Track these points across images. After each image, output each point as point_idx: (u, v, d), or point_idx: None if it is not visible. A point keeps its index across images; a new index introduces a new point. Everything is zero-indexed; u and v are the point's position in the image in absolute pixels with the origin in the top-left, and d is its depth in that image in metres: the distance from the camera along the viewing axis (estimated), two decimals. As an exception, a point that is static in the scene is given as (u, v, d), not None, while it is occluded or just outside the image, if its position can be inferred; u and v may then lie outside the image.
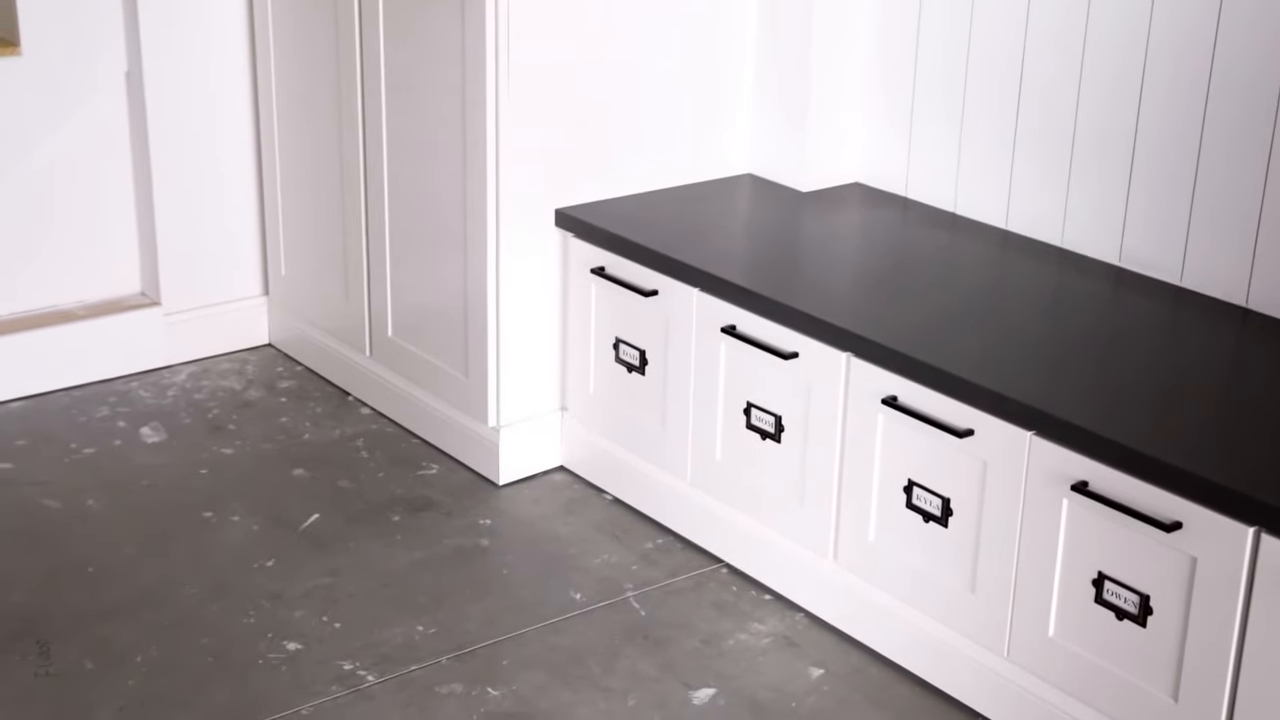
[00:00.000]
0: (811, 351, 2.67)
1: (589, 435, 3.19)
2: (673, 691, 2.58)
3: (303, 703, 2.52)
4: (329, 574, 2.88)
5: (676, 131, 3.27)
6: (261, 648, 2.66)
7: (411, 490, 3.19)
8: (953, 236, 3.07)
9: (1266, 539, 2.08)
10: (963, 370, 2.45)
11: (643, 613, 2.79)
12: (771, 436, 2.78)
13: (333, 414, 3.50)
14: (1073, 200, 2.94)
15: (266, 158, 3.69)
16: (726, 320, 2.81)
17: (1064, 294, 2.84)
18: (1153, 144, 2.79)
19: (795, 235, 3.13)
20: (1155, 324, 2.72)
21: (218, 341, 3.78)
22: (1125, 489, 2.23)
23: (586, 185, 3.17)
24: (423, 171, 3.21)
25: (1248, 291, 2.70)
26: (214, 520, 3.05)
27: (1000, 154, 3.04)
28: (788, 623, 2.77)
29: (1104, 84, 2.85)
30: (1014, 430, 2.37)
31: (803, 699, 2.57)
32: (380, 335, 3.44)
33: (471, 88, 3.00)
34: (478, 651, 2.67)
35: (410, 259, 3.31)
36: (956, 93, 3.10)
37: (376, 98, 3.28)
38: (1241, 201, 2.68)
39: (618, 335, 3.06)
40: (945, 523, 2.51)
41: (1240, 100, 2.65)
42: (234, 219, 3.75)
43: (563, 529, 3.06)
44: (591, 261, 3.08)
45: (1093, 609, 2.32)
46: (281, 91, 3.60)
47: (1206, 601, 2.16)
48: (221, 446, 3.34)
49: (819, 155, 3.28)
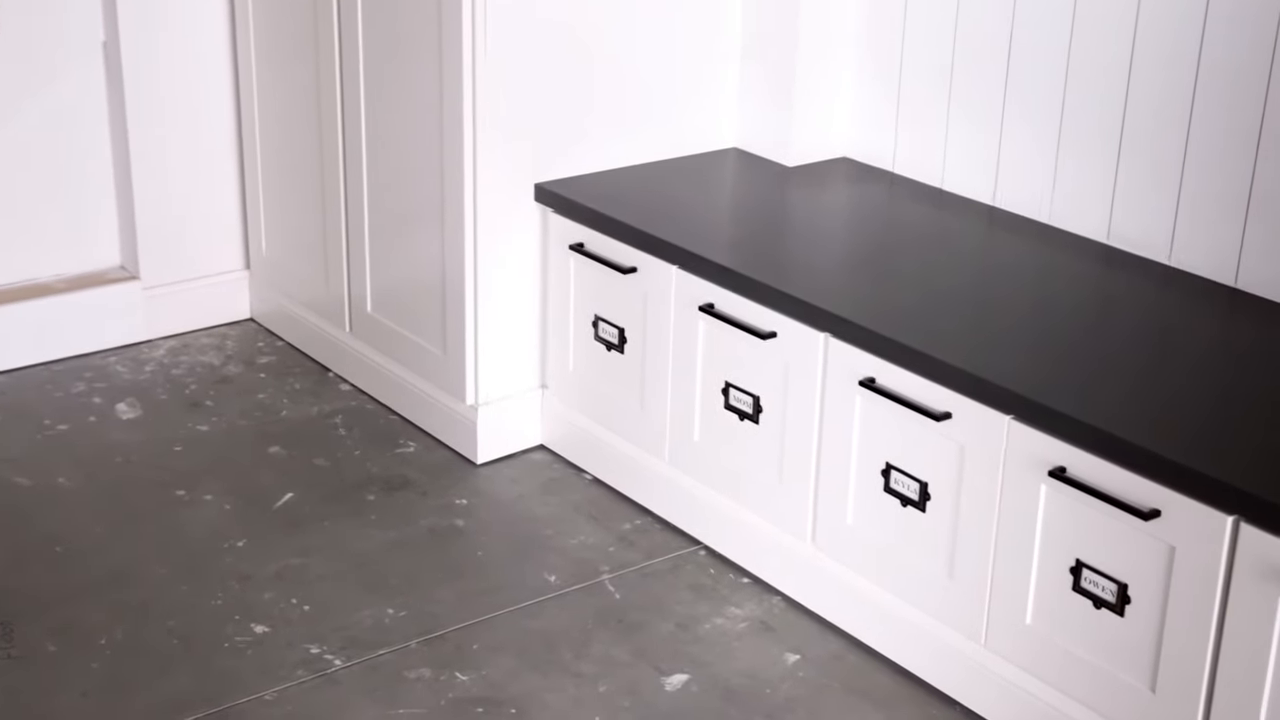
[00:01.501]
0: (790, 331, 2.61)
1: (569, 414, 3.14)
2: (645, 677, 2.53)
3: (267, 687, 2.48)
4: (300, 555, 2.84)
5: (661, 104, 3.20)
6: (228, 630, 2.61)
7: (388, 469, 3.14)
8: (939, 213, 3.01)
9: (1246, 528, 2.02)
10: (941, 352, 2.39)
11: (618, 596, 2.75)
12: (750, 417, 2.73)
13: (312, 390, 3.45)
14: (1061, 177, 2.88)
15: (247, 131, 3.64)
16: (705, 299, 2.76)
17: (1050, 273, 2.78)
18: (1141, 121, 2.73)
19: (778, 211, 3.06)
20: (1142, 305, 2.66)
21: (198, 316, 3.73)
22: (1104, 475, 2.18)
23: (568, 159, 3.11)
24: (401, 145, 3.15)
25: (1236, 271, 2.64)
26: (186, 499, 3.01)
27: (988, 130, 2.98)
28: (765, 607, 2.73)
29: (1092, 60, 2.78)
30: (992, 414, 2.31)
31: (777, 685, 2.52)
32: (360, 311, 3.39)
33: (449, 61, 2.94)
34: (448, 635, 2.62)
35: (389, 234, 3.26)
36: (944, 67, 3.03)
37: (354, 71, 3.22)
38: (1231, 180, 2.61)
39: (597, 313, 3.01)
40: (923, 507, 2.45)
41: (1230, 78, 2.59)
42: (214, 193, 3.70)
43: (540, 509, 3.01)
44: (571, 237, 3.02)
45: (1070, 597, 2.27)
46: (261, 64, 3.54)
47: (1185, 591, 2.11)
48: (197, 423, 3.29)
49: (805, 130, 3.22)
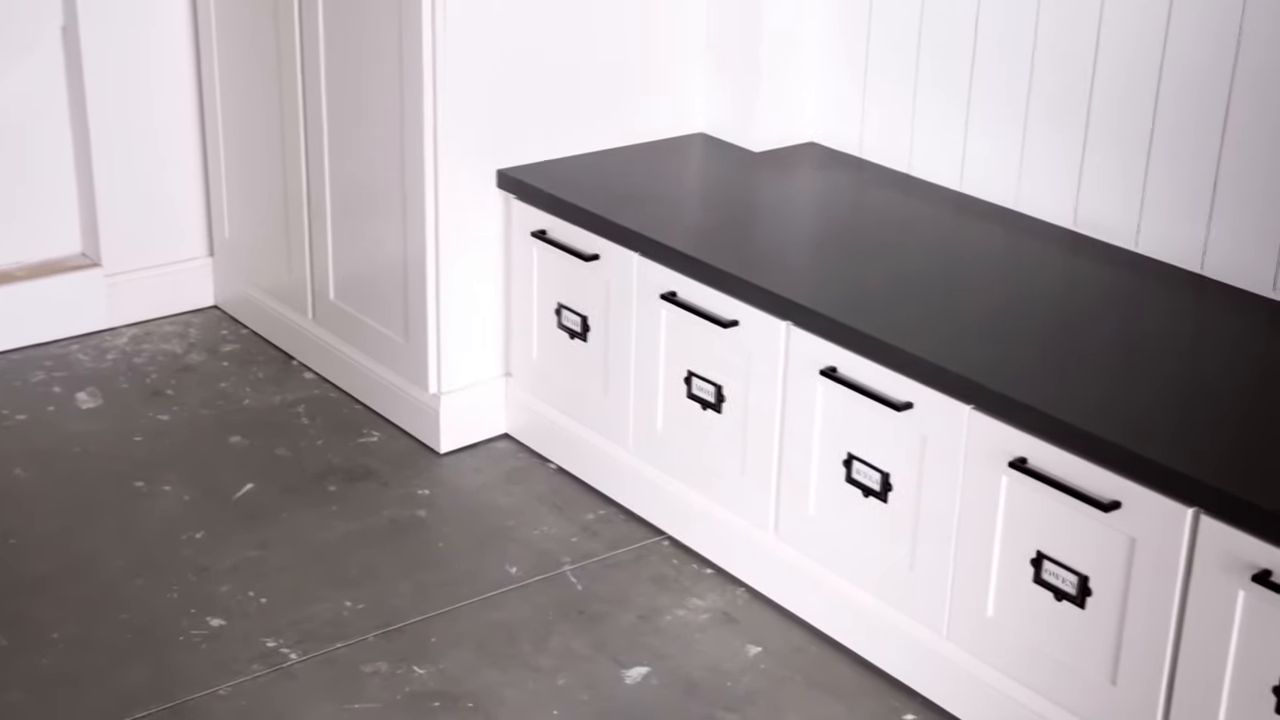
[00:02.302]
0: (751, 320, 2.58)
1: (533, 402, 3.11)
2: (605, 670, 2.50)
3: (221, 682, 2.44)
4: (259, 547, 2.80)
5: (626, 89, 3.16)
6: (183, 624, 2.58)
7: (350, 459, 3.10)
8: (905, 199, 2.97)
9: (1206, 520, 2.00)
10: (902, 341, 2.36)
11: (579, 587, 2.72)
12: (712, 406, 2.70)
13: (275, 379, 3.41)
14: (1027, 162, 2.84)
15: (209, 116, 3.59)
16: (667, 286, 2.72)
17: (1015, 260, 2.75)
18: (1108, 106, 2.69)
19: (743, 197, 3.03)
20: (1108, 292, 2.63)
21: (161, 304, 3.68)
22: (1065, 466, 2.15)
23: (532, 145, 3.07)
24: (362, 130, 3.11)
25: (1203, 257, 2.61)
26: (145, 490, 2.97)
27: (954, 115, 2.95)
28: (728, 598, 2.70)
29: (1058, 46, 2.75)
30: (952, 403, 2.28)
31: (738, 678, 2.50)
32: (322, 298, 3.35)
33: (409, 44, 2.90)
34: (406, 628, 2.59)
35: (351, 221, 3.22)
36: (911, 52, 3.00)
37: (315, 56, 3.17)
38: (1197, 165, 2.58)
39: (560, 300, 2.97)
40: (884, 498, 2.42)
41: (1195, 62, 2.55)
42: (177, 179, 3.65)
43: (503, 499, 2.98)
44: (533, 224, 2.98)
45: (1031, 589, 2.24)
46: (222, 49, 3.49)
47: (1145, 583, 2.08)
48: (158, 413, 3.25)
49: (772, 115, 3.18)
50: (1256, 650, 1.97)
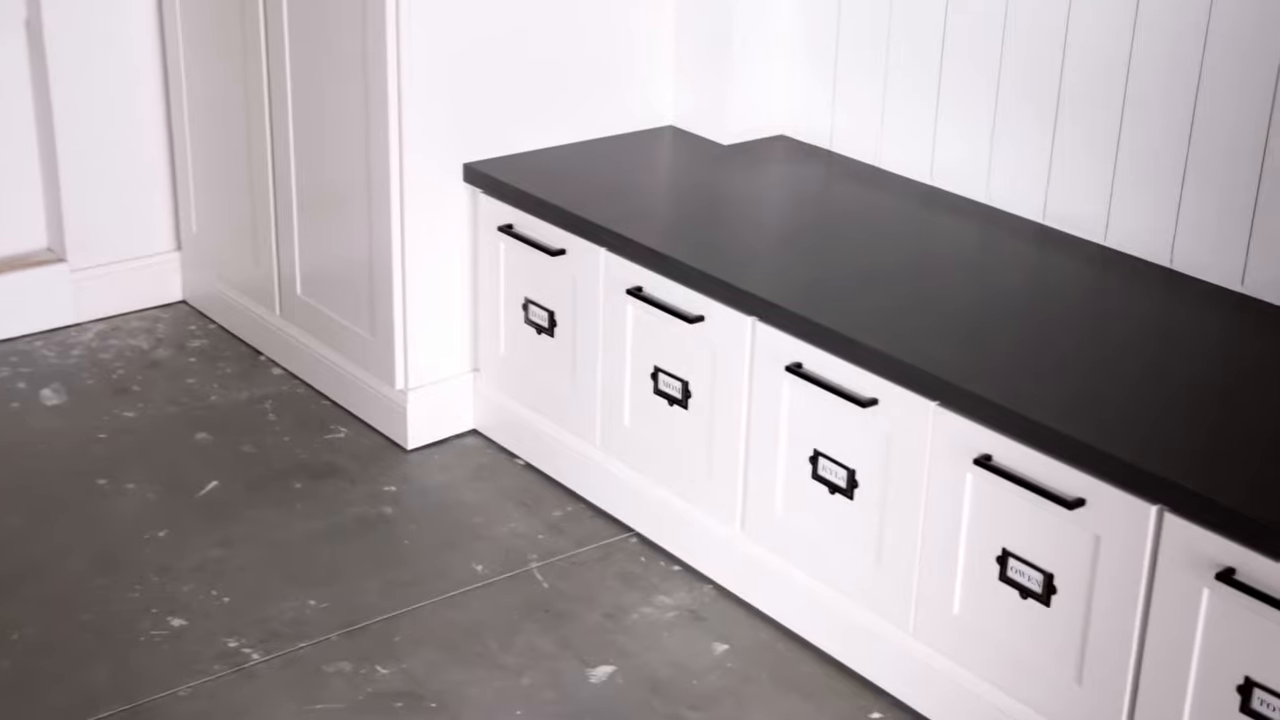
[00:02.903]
0: (717, 315, 2.56)
1: (501, 398, 3.08)
2: (570, 669, 2.48)
3: (182, 683, 2.42)
4: (222, 545, 2.77)
5: (595, 81, 3.14)
6: (145, 624, 2.55)
7: (317, 455, 3.07)
8: (875, 193, 2.95)
9: (1170, 518, 1.98)
10: (868, 336, 2.34)
11: (546, 585, 2.70)
12: (679, 402, 2.68)
13: (243, 375, 3.38)
14: (997, 156, 2.82)
15: (175, 109, 3.56)
16: (633, 282, 2.70)
17: (984, 254, 2.73)
18: (1077, 99, 2.68)
19: (712, 191, 3.00)
20: (1076, 287, 2.61)
21: (129, 299, 3.65)
22: (1029, 464, 2.13)
23: (499, 138, 3.04)
24: (328, 123, 3.08)
25: (1171, 252, 2.59)
26: (108, 488, 2.94)
27: (924, 107, 2.93)
28: (695, 595, 2.68)
29: (1027, 37, 2.73)
30: (918, 400, 2.26)
31: (704, 676, 2.48)
32: (289, 293, 3.32)
33: (372, 36, 2.87)
34: (370, 627, 2.57)
35: (318, 215, 3.19)
36: (880, 43, 2.97)
37: (280, 47, 3.14)
38: (1166, 159, 2.56)
39: (527, 296, 2.95)
40: (850, 495, 2.41)
41: (1165, 56, 2.54)
42: (144, 173, 3.62)
43: (470, 496, 2.96)
44: (500, 219, 2.96)
45: (997, 587, 2.22)
46: (188, 41, 3.45)
47: (1110, 581, 2.07)
48: (123, 409, 3.22)
49: (741, 107, 3.16)
50: (1221, 648, 1.96)
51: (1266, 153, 2.44)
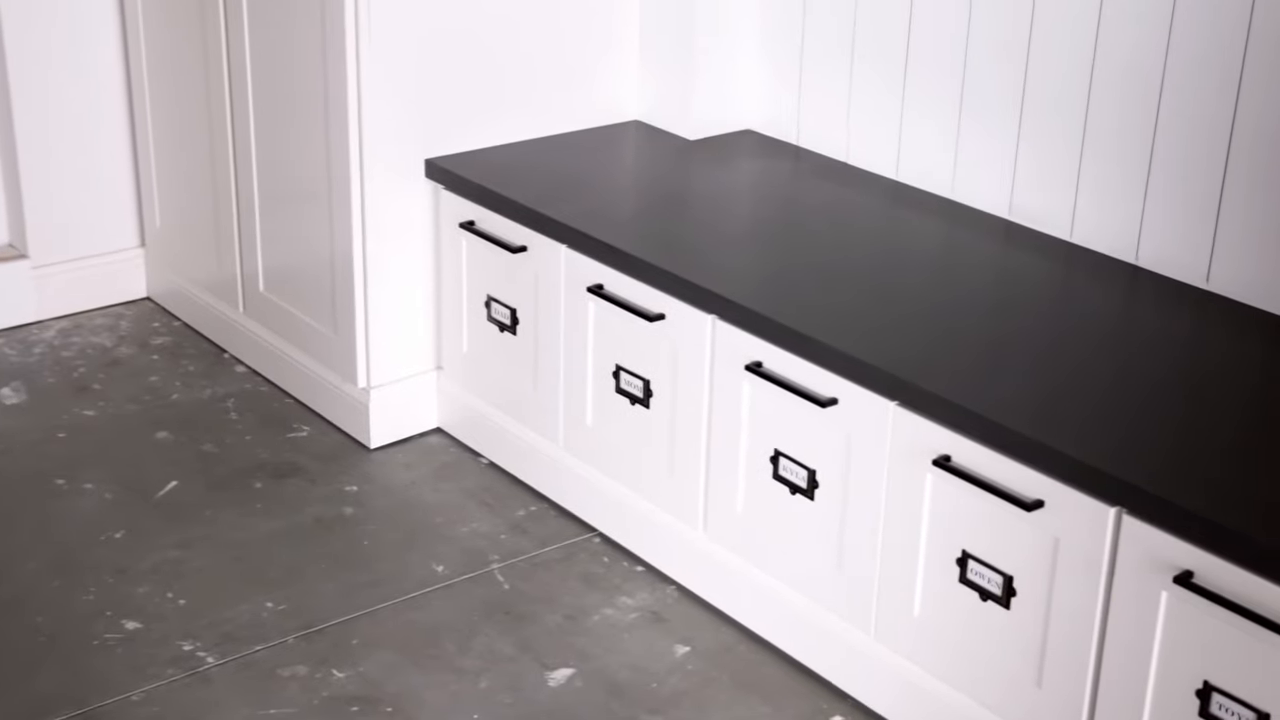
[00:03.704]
0: (677, 313, 2.53)
1: (464, 396, 3.05)
2: (528, 672, 2.45)
3: (135, 687, 2.39)
4: (180, 546, 2.74)
5: (560, 75, 3.10)
6: (98, 627, 2.52)
7: (278, 454, 3.04)
8: (841, 189, 2.92)
9: (1128, 520, 1.95)
10: (827, 335, 2.31)
11: (506, 586, 2.66)
12: (640, 401, 2.65)
13: (205, 372, 3.35)
14: (962, 151, 2.80)
15: (137, 104, 3.52)
16: (594, 279, 2.67)
17: (949, 251, 2.71)
18: (1043, 95, 2.65)
19: (676, 187, 2.97)
20: (1041, 284, 2.59)
21: (92, 295, 3.61)
22: (989, 465, 2.10)
23: (461, 133, 3.01)
24: (289, 118, 3.04)
25: (1137, 248, 2.57)
26: (65, 488, 2.90)
27: (890, 103, 2.90)
28: (658, 596, 2.65)
29: (994, 33, 2.70)
30: (877, 400, 2.23)
31: (664, 679, 2.45)
32: (252, 290, 3.29)
33: (332, 28, 2.83)
34: (327, 630, 2.53)
35: (280, 211, 3.15)
36: (846, 36, 2.94)
37: (240, 42, 3.10)
38: (1130, 155, 2.54)
39: (489, 293, 2.92)
40: (811, 495, 2.38)
41: (1128, 52, 2.51)
42: (107, 168, 3.57)
43: (432, 496, 2.92)
44: (462, 215, 2.92)
45: (957, 589, 2.20)
46: (149, 35, 3.41)
47: (1069, 584, 2.04)
48: (83, 408, 3.18)
49: (707, 102, 3.13)
50: (1180, 652, 1.93)
51: (1231, 148, 2.41)
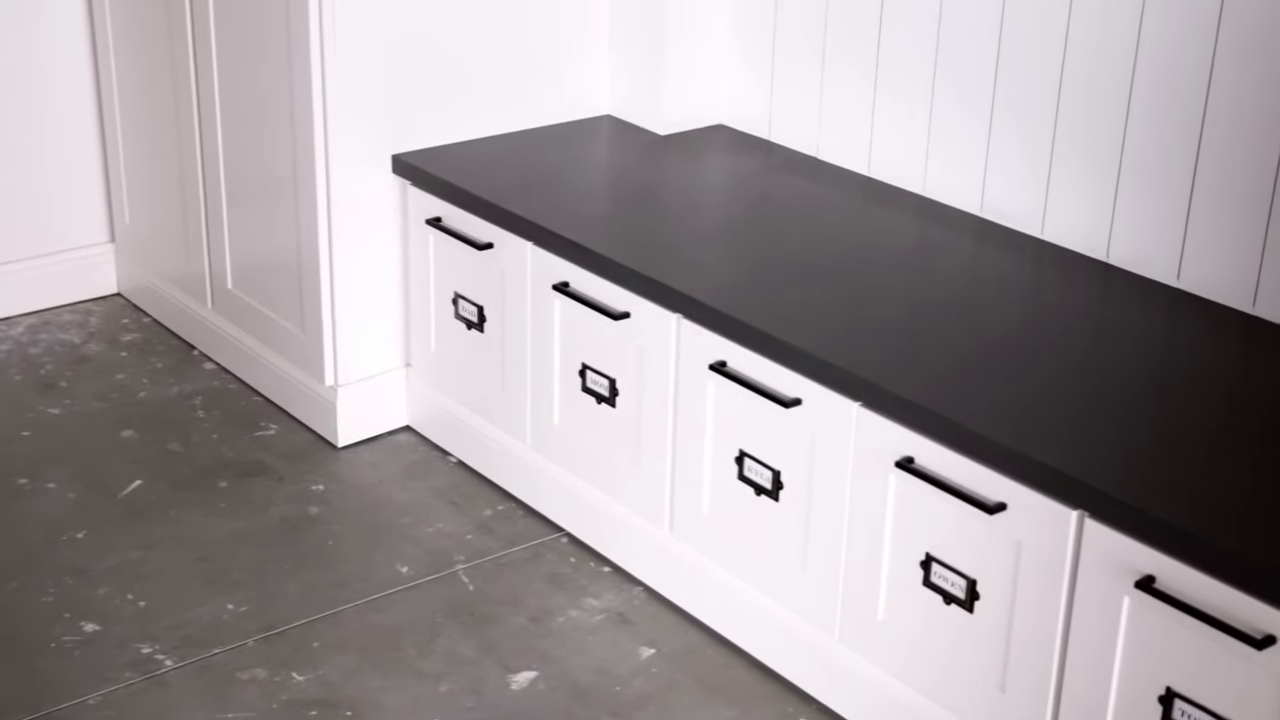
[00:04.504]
0: (643, 311, 2.49)
1: (433, 394, 3.02)
2: (491, 675, 2.42)
3: (91, 691, 2.35)
4: (142, 547, 2.71)
5: (530, 69, 3.07)
6: (56, 630, 2.49)
7: (244, 453, 3.01)
8: (812, 185, 2.89)
9: (1090, 523, 1.92)
10: (791, 334, 2.28)
11: (471, 588, 2.63)
12: (607, 400, 2.61)
13: (174, 369, 3.31)
14: (934, 147, 2.76)
15: (105, 98, 3.48)
16: (560, 277, 2.64)
17: (919, 249, 2.67)
18: (1013, 91, 2.61)
19: (645, 183, 2.94)
20: (1011, 282, 2.55)
21: (61, 291, 3.58)
22: (952, 467, 2.07)
23: (430, 128, 2.97)
24: (255, 112, 3.01)
25: (1108, 246, 2.54)
26: (28, 488, 2.87)
27: (862, 98, 2.86)
28: (624, 598, 2.62)
29: (964, 26, 2.66)
30: (841, 400, 2.20)
31: (628, 682, 2.42)
32: (220, 287, 3.25)
33: (296, 22, 2.80)
34: (288, 632, 2.50)
35: (247, 206, 3.11)
36: (818, 31, 2.91)
37: (206, 36, 3.06)
38: (1101, 152, 2.50)
39: (457, 290, 2.88)
40: (776, 496, 2.35)
41: (1099, 47, 2.47)
42: (76, 163, 3.54)
43: (399, 495, 2.89)
44: (429, 211, 2.89)
45: (921, 592, 2.17)
46: (117, 31, 3.38)
47: (1032, 587, 2.01)
48: (49, 406, 3.15)
49: (678, 96, 3.09)
50: (1143, 657, 1.90)
51: (1201, 146, 2.38)
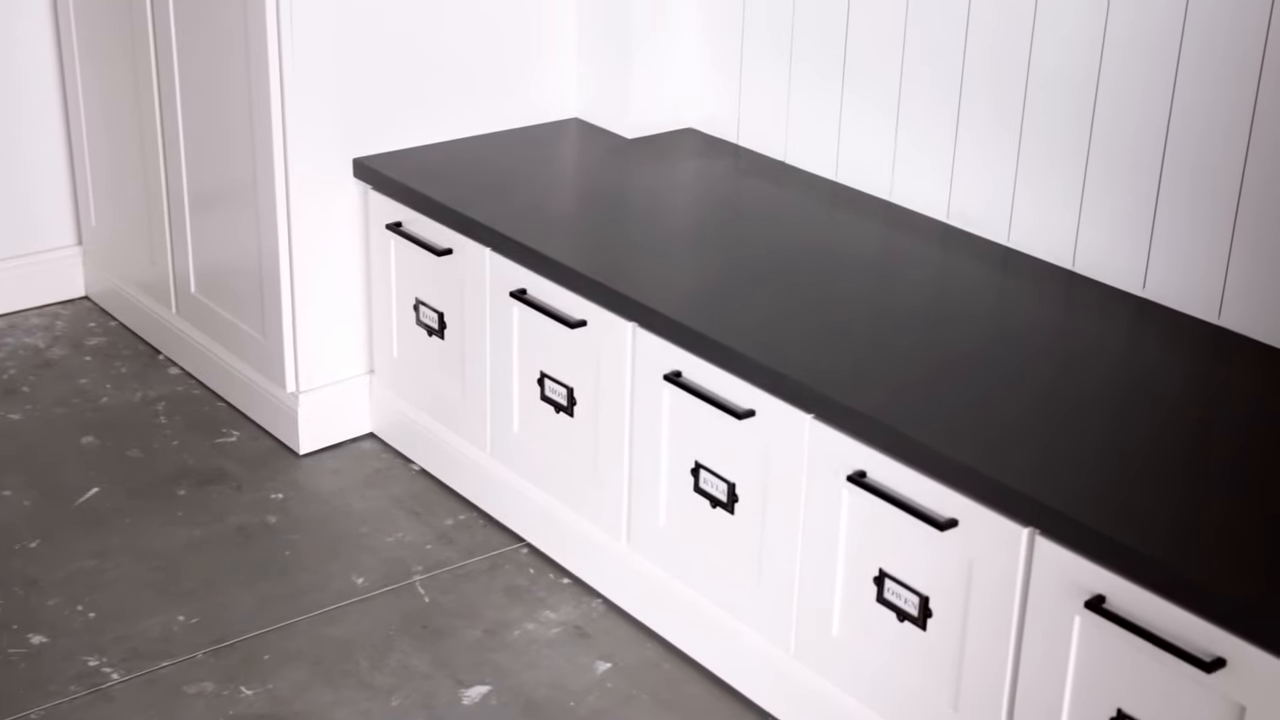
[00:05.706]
0: (599, 320, 2.45)
1: (395, 401, 2.98)
2: (443, 690, 2.38)
3: (35, 705, 2.32)
4: (96, 556, 2.67)
5: (496, 71, 3.03)
6: (2, 642, 2.45)
7: (205, 460, 2.97)
8: (778, 190, 2.85)
9: (1041, 541, 1.88)
10: (745, 345, 2.24)
11: (427, 599, 2.59)
12: (565, 409, 2.57)
13: (138, 374, 3.28)
14: (900, 152, 2.72)
15: (71, 101, 3.44)
16: (518, 284, 2.59)
17: (884, 256, 2.63)
18: (980, 98, 2.57)
19: (610, 187, 2.90)
20: (975, 291, 2.51)
21: (28, 294, 3.54)
22: (904, 481, 2.03)
23: (392, 132, 2.93)
24: (216, 117, 2.97)
25: (1074, 254, 2.49)
26: (-17, 495, 2.84)
27: (829, 102, 2.82)
28: (583, 610, 2.58)
29: (930, 31, 2.62)
30: (794, 412, 2.16)
31: (583, 698, 2.38)
32: (184, 291, 3.21)
33: (253, 23, 2.76)
34: (238, 645, 2.46)
35: (209, 210, 3.08)
36: (785, 34, 2.87)
37: (168, 41, 3.02)
38: (1067, 160, 2.46)
39: (418, 296, 2.84)
40: (731, 509, 2.31)
41: (1066, 56, 2.43)
42: (43, 165, 3.50)
43: (359, 504, 2.85)
44: (389, 216, 2.85)
45: (875, 608, 2.12)
46: (81, 35, 3.34)
47: (984, 605, 1.97)
48: (9, 411, 3.11)
49: (645, 100, 3.05)
50: (1094, 678, 1.86)
51: (1166, 154, 2.33)
